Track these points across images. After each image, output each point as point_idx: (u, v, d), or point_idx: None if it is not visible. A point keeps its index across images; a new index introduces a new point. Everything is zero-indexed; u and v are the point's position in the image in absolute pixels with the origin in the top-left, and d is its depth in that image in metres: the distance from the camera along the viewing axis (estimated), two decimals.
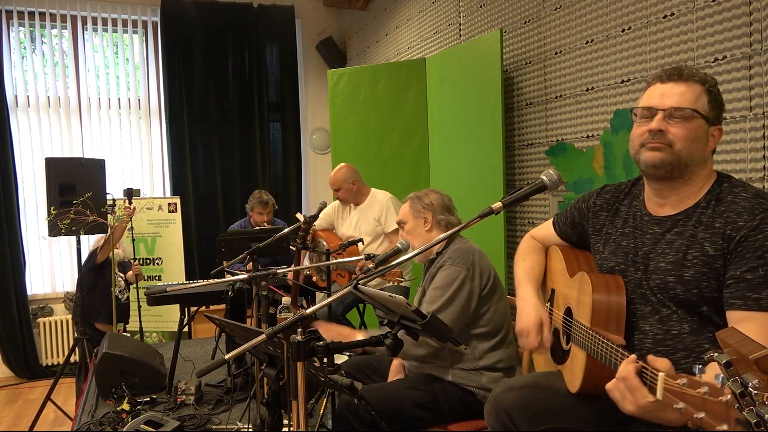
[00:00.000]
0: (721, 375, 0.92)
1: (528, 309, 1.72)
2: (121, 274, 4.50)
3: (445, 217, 2.37)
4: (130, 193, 4.35)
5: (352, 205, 3.80)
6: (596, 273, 1.62)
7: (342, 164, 3.78)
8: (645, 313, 1.50)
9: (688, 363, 1.41)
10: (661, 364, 1.11)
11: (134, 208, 4.31)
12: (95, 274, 4.27)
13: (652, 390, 1.08)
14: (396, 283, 3.50)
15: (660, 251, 1.49)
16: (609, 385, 1.21)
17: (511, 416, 1.61)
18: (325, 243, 3.88)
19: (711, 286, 1.39)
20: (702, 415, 0.93)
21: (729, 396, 0.90)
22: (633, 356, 1.19)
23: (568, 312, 1.66)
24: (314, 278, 3.80)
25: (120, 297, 4.34)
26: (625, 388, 1.17)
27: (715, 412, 0.92)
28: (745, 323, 1.28)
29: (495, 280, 2.25)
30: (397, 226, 3.58)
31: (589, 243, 1.73)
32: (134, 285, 4.60)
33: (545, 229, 1.92)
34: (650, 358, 1.14)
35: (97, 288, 4.25)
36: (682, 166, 1.46)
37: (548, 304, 1.86)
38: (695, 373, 0.99)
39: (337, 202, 3.86)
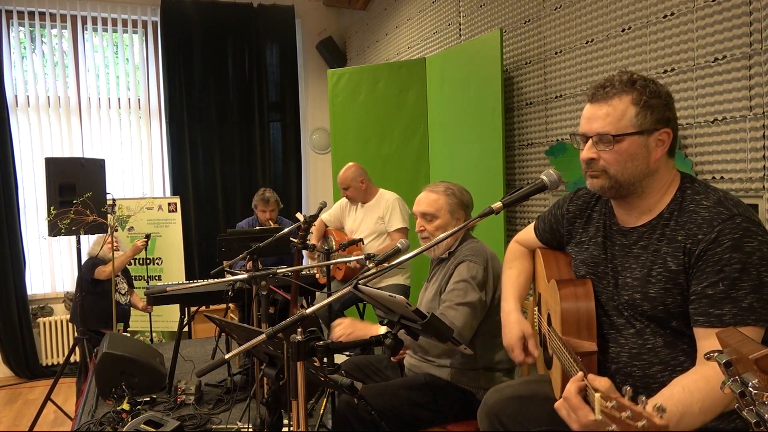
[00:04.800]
0: (644, 398, 0.95)
1: (510, 324, 1.71)
2: (124, 278, 4.50)
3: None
4: (149, 236, 4.55)
5: (359, 203, 3.83)
6: (566, 280, 1.61)
7: (351, 163, 3.81)
8: (620, 325, 1.48)
9: (664, 377, 1.40)
10: (599, 383, 1.10)
11: (146, 242, 4.50)
12: (94, 282, 4.25)
13: (594, 410, 1.08)
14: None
15: (627, 265, 1.47)
16: (557, 405, 1.21)
17: (503, 421, 1.63)
18: (333, 240, 3.93)
19: (676, 301, 1.36)
20: None
21: (645, 422, 0.92)
22: (579, 374, 1.17)
23: (549, 319, 1.67)
24: (317, 274, 3.83)
25: (121, 301, 4.33)
26: (569, 407, 1.16)
27: None
28: (709, 340, 1.25)
29: None
30: (399, 226, 3.62)
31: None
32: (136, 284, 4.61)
33: (528, 234, 1.91)
34: (590, 377, 1.13)
35: (98, 294, 4.24)
36: (625, 186, 1.42)
37: (536, 308, 1.86)
38: (624, 394, 0.99)
39: (345, 199, 3.89)
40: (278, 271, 2.35)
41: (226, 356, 1.43)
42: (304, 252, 3.11)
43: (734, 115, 2.28)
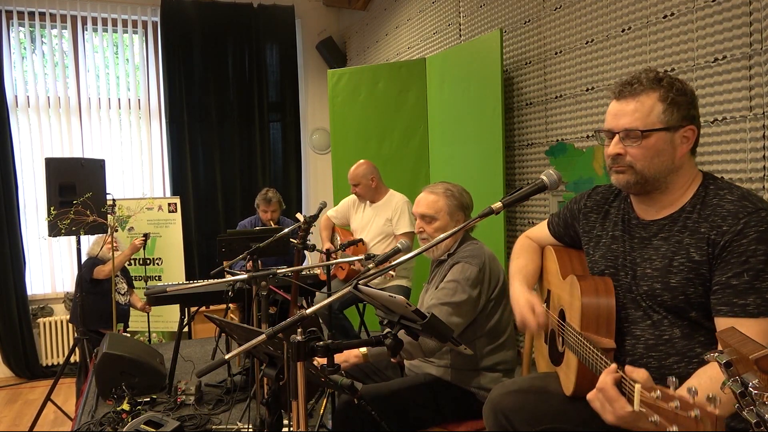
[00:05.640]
0: (694, 388, 0.93)
1: (518, 299, 1.73)
2: (123, 278, 4.50)
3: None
4: (147, 235, 4.55)
5: (368, 201, 3.83)
6: (586, 275, 1.62)
7: (363, 160, 3.82)
8: (636, 317, 1.49)
9: (680, 368, 1.41)
10: (638, 374, 1.10)
11: (144, 241, 4.52)
12: (94, 282, 4.25)
13: (631, 401, 1.07)
14: (387, 277, 3.53)
15: (647, 257, 1.48)
16: (590, 396, 1.20)
17: (509, 418, 1.63)
18: (339, 238, 3.94)
19: (698, 292, 1.38)
20: (674, 428, 0.93)
21: (697, 411, 0.90)
22: (613, 366, 1.17)
23: (562, 314, 1.67)
24: (318, 271, 3.85)
25: (120, 301, 4.33)
26: (604, 398, 1.16)
27: (685, 426, 0.92)
28: None
29: (504, 284, 2.23)
30: (406, 230, 3.61)
31: (581, 244, 1.74)
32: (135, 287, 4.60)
33: (540, 230, 1.92)
34: (628, 368, 1.12)
35: (98, 294, 4.24)
36: (651, 181, 1.44)
37: (544, 305, 1.86)
38: (668, 385, 0.98)
39: (354, 196, 3.89)
40: (278, 271, 2.35)
41: (226, 356, 1.42)
42: (306, 252, 3.12)
43: (734, 115, 2.28)
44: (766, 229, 1.30)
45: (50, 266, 5.47)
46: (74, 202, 3.68)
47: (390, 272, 3.01)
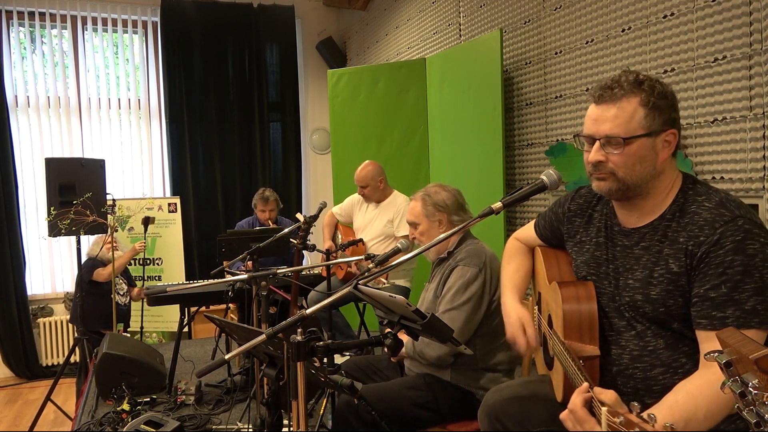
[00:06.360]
0: (653, 415, 0.94)
1: (510, 316, 1.71)
2: (123, 278, 4.49)
3: (459, 218, 2.31)
4: (147, 222, 4.52)
5: (373, 201, 3.83)
6: (567, 282, 1.61)
7: (368, 161, 3.80)
8: (621, 327, 1.48)
9: (665, 378, 1.40)
10: (606, 396, 1.09)
11: (143, 244, 4.56)
12: (94, 283, 4.25)
13: (600, 422, 1.07)
14: (380, 285, 3.54)
15: (629, 266, 1.46)
16: (562, 416, 1.20)
17: (503, 422, 1.63)
18: (340, 236, 3.96)
19: (678, 303, 1.36)
20: None
21: None
22: (584, 385, 1.17)
23: (550, 321, 1.67)
24: (320, 270, 3.85)
25: (120, 302, 4.33)
26: (575, 419, 1.16)
27: None
28: (711, 342, 1.24)
29: None
30: (407, 233, 3.61)
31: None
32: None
33: (528, 231, 1.90)
34: (597, 390, 1.12)
35: (97, 294, 4.23)
36: (633, 188, 1.40)
37: (536, 308, 1.86)
38: (631, 411, 0.99)
39: (358, 195, 3.89)
40: (278, 271, 2.35)
41: (226, 356, 1.43)
42: (305, 252, 3.12)
43: (734, 115, 2.28)
44: (743, 239, 1.27)
45: (50, 266, 5.47)
46: (74, 202, 3.68)
47: (381, 281, 3.05)
